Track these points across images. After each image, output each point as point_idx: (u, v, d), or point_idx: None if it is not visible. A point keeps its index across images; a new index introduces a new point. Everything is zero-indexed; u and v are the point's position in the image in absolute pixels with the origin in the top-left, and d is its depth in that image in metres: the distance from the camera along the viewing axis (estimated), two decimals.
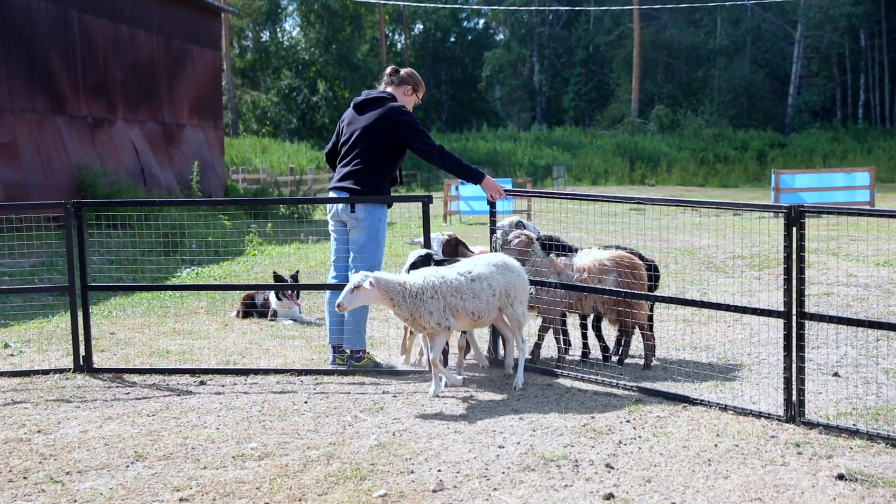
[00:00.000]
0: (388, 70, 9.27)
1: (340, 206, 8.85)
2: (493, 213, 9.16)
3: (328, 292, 9.05)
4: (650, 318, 9.06)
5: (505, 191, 8.95)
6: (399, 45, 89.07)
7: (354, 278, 7.50)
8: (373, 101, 8.97)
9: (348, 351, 8.89)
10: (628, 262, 8.77)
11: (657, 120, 68.88)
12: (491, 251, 8.97)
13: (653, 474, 5.84)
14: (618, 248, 9.16)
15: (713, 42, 74.78)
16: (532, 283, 8.57)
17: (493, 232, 9.04)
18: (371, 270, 8.04)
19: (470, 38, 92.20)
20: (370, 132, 8.80)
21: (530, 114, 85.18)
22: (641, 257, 9.05)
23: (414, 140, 8.79)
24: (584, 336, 9.41)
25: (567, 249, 9.03)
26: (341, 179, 8.96)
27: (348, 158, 8.95)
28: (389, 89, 9.12)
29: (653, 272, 9.00)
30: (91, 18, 26.24)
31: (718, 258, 16.30)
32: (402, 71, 9.22)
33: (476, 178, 8.78)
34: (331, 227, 9.11)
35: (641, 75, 71.92)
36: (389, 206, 9.05)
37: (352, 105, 9.13)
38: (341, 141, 9.09)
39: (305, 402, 7.81)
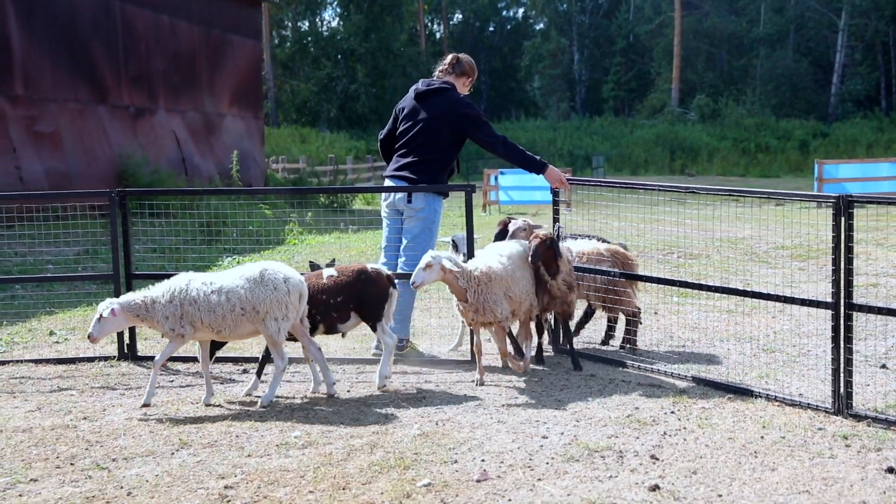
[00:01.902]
0: (449, 59, 9.19)
1: (397, 194, 8.83)
2: (556, 203, 9.09)
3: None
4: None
5: (567, 180, 8.89)
6: (438, 35, 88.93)
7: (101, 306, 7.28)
8: (435, 92, 8.93)
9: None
10: (622, 254, 9.05)
11: (698, 109, 68.30)
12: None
13: (698, 466, 5.78)
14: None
15: (756, 30, 73.97)
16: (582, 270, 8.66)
17: (555, 221, 8.96)
18: None
19: (509, 27, 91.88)
20: (433, 124, 8.77)
21: (569, 103, 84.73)
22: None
23: (478, 132, 8.78)
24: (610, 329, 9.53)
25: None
26: (399, 168, 8.94)
27: (408, 148, 8.93)
28: (449, 79, 9.06)
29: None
30: (133, 9, 26.39)
31: (761, 248, 16.16)
32: (464, 60, 9.14)
33: (539, 168, 8.76)
34: (384, 214, 9.10)
35: (682, 64, 71.34)
36: (446, 196, 9.02)
37: (413, 94, 9.06)
38: (399, 129, 9.04)
39: (348, 392, 7.81)
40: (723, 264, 14.22)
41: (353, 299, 7.76)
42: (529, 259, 8.02)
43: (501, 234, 8.94)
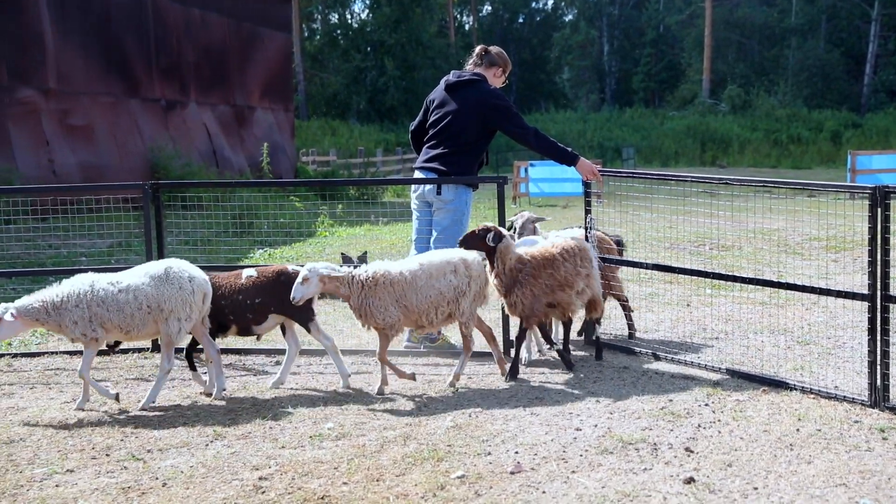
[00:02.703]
0: (478, 50, 9.14)
1: (427, 186, 8.81)
2: (587, 194, 9.04)
3: None
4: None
5: (599, 171, 8.84)
6: (467, 27, 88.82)
7: None
8: (466, 84, 8.89)
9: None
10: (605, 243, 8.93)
11: (729, 100, 67.85)
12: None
13: (733, 458, 5.75)
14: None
15: (787, 21, 73.41)
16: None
17: (587, 213, 8.92)
18: None
19: (538, 18, 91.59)
20: (464, 115, 8.74)
21: (599, 95, 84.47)
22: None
23: (509, 123, 8.74)
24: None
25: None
26: (429, 160, 8.91)
27: (438, 140, 8.90)
28: (479, 70, 9.02)
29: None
30: (164, 2, 26.51)
31: (794, 240, 16.04)
32: (493, 52, 9.08)
33: (570, 160, 8.70)
34: (414, 207, 9.09)
35: (713, 55, 70.88)
36: (475, 188, 8.99)
37: (443, 85, 9.03)
38: (430, 120, 9.02)
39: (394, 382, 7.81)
40: (755, 256, 14.12)
41: (272, 301, 7.64)
42: (458, 244, 7.83)
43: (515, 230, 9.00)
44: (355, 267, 7.70)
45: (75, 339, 7.12)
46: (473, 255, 7.71)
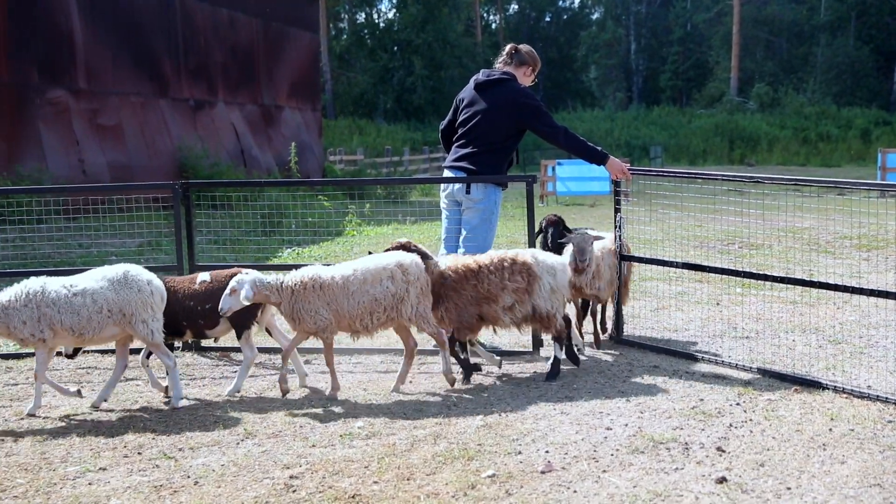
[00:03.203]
0: (508, 49, 9.08)
1: (456, 185, 8.79)
2: (617, 193, 9.02)
3: None
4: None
5: (629, 170, 8.81)
6: (493, 26, 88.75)
7: None
8: (495, 83, 8.85)
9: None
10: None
11: (757, 98, 67.50)
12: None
13: (766, 458, 5.72)
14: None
15: (816, 18, 72.96)
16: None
17: (616, 212, 8.90)
18: (482, 251, 8.15)
19: (565, 17, 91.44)
20: (493, 114, 8.70)
21: (626, 94, 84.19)
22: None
23: (539, 123, 8.70)
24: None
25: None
26: (458, 159, 8.88)
27: (467, 139, 8.86)
28: (509, 69, 8.99)
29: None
30: (193, 2, 26.64)
31: (824, 238, 15.94)
32: (523, 50, 9.02)
33: (599, 158, 8.68)
34: (443, 206, 9.07)
35: (741, 53, 70.53)
36: (504, 187, 8.97)
37: (473, 84, 8.99)
38: (459, 119, 8.98)
39: (410, 382, 7.82)
40: (785, 255, 14.04)
41: None
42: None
43: (544, 234, 8.89)
44: None
45: (24, 342, 7.06)
46: (410, 259, 7.54)
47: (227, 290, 7.20)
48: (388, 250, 7.83)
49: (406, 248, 7.84)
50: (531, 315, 7.77)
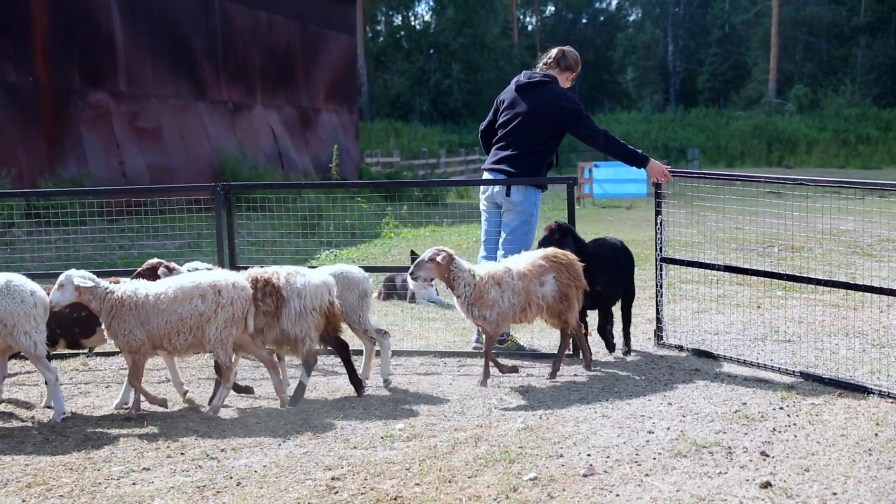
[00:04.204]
0: (554, 54, 9.07)
1: (496, 187, 8.79)
2: (658, 195, 8.98)
3: None
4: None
5: (670, 172, 8.77)
6: (530, 27, 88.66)
7: None
8: (537, 85, 8.84)
9: None
10: (564, 260, 7.94)
11: (796, 100, 67.04)
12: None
13: (811, 463, 5.66)
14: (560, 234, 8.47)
15: (856, 19, 72.34)
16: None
17: (658, 213, 8.86)
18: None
19: (602, 18, 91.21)
20: (535, 117, 8.70)
21: (663, 95, 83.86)
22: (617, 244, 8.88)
23: (580, 126, 8.69)
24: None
25: None
26: (498, 161, 8.88)
27: (507, 141, 8.86)
28: (552, 72, 8.97)
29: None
30: (231, 5, 26.80)
31: (866, 241, 15.79)
32: (570, 56, 9.02)
33: (640, 161, 8.67)
34: (483, 208, 9.08)
35: (780, 54, 70.03)
36: (544, 189, 8.95)
37: (514, 86, 8.98)
38: (500, 121, 8.98)
39: (450, 385, 7.83)
40: (826, 257, 13.91)
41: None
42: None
43: (547, 240, 8.39)
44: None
45: None
46: (229, 280, 7.11)
47: (56, 285, 7.01)
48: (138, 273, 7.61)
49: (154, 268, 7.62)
50: (281, 338, 7.40)
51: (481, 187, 9.10)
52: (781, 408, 6.83)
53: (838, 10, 74.10)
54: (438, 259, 7.53)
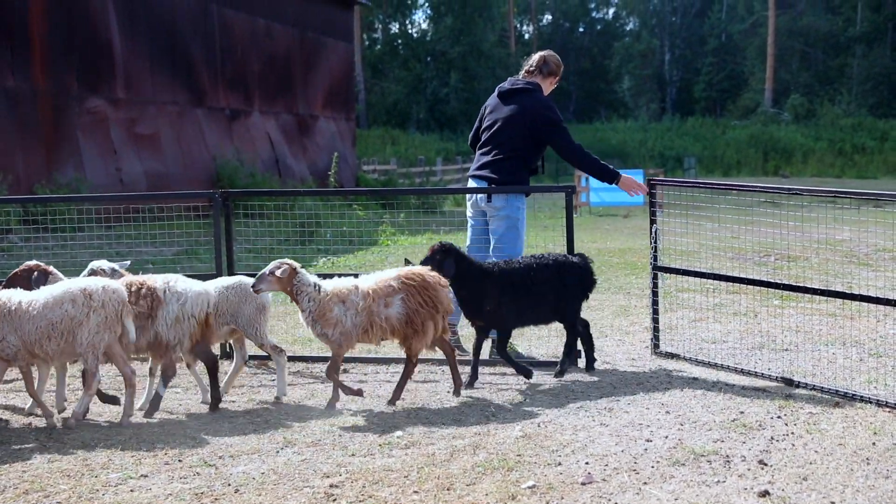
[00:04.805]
0: (536, 60, 9.16)
1: (479, 194, 8.84)
2: (652, 204, 9.02)
3: None
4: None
5: (654, 182, 8.79)
6: (527, 36, 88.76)
7: None
8: (520, 92, 8.94)
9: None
10: (417, 281, 7.48)
11: (792, 110, 67.19)
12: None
13: (809, 472, 5.67)
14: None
15: (852, 29, 72.57)
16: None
17: (652, 223, 8.88)
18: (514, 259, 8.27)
19: (599, 27, 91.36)
20: (515, 123, 8.79)
21: (660, 104, 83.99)
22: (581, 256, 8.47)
23: (557, 137, 8.79)
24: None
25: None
26: (481, 167, 8.98)
27: (489, 147, 8.97)
28: (536, 79, 9.04)
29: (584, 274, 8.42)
30: (230, 12, 26.83)
31: (862, 251, 15.82)
32: (552, 62, 9.11)
33: (612, 177, 8.78)
34: (469, 214, 9.15)
35: (776, 64, 70.21)
36: (528, 195, 8.99)
37: (496, 92, 9.09)
38: (483, 127, 9.09)
39: (448, 392, 7.83)
40: (822, 267, 13.94)
41: None
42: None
43: (428, 260, 7.98)
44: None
45: None
46: (101, 286, 6.93)
47: None
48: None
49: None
50: (154, 343, 7.31)
51: (467, 195, 9.16)
52: (779, 416, 6.83)
53: (834, 20, 74.32)
54: (278, 273, 7.24)
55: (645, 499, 5.32)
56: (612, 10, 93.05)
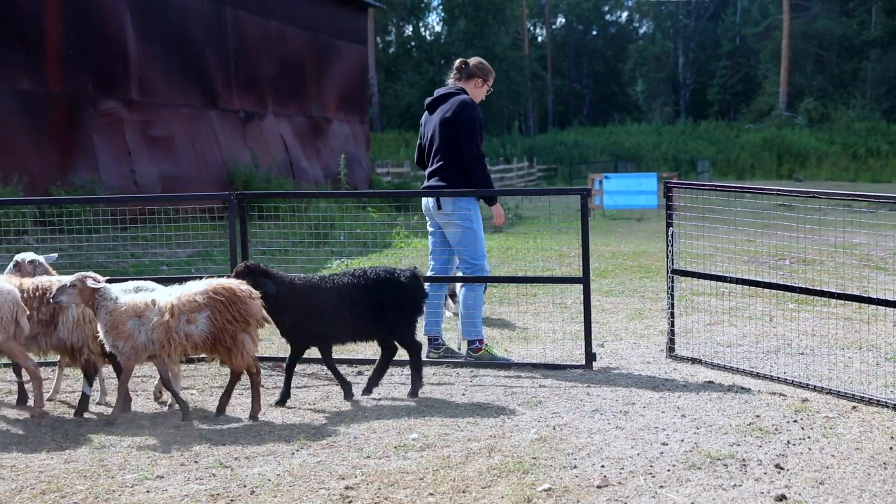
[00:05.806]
0: (457, 64, 9.40)
1: (431, 203, 9.02)
2: (669, 207, 9.02)
3: (426, 285, 8.40)
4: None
5: (671, 186, 8.85)
6: (540, 39, 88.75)
7: None
8: (442, 98, 9.16)
9: (465, 342, 9.11)
10: (225, 296, 7.09)
11: (806, 113, 67.06)
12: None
13: (825, 476, 5.65)
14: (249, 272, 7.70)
15: (867, 33, 72.33)
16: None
17: (668, 226, 8.87)
18: (477, 261, 8.73)
19: (612, 30, 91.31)
20: (442, 128, 8.99)
21: (674, 107, 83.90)
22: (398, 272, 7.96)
23: (464, 134, 8.89)
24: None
25: None
26: (428, 176, 9.24)
27: (432, 156, 9.18)
28: (459, 84, 9.26)
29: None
30: (244, 15, 26.89)
31: (877, 255, 15.76)
32: (471, 64, 9.30)
33: (489, 199, 9.16)
34: (428, 225, 9.26)
35: (790, 67, 70.08)
36: (480, 198, 9.13)
37: (425, 105, 9.35)
38: (424, 142, 9.36)
39: (463, 395, 7.83)
40: (838, 270, 13.89)
41: None
42: None
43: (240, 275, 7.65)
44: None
45: None
46: None
47: None
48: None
49: None
50: (60, 347, 7.34)
51: (422, 203, 9.34)
52: (795, 420, 6.81)
53: (849, 23, 74.10)
54: (79, 286, 7.00)
55: (661, 502, 5.30)
56: (625, 13, 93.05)
